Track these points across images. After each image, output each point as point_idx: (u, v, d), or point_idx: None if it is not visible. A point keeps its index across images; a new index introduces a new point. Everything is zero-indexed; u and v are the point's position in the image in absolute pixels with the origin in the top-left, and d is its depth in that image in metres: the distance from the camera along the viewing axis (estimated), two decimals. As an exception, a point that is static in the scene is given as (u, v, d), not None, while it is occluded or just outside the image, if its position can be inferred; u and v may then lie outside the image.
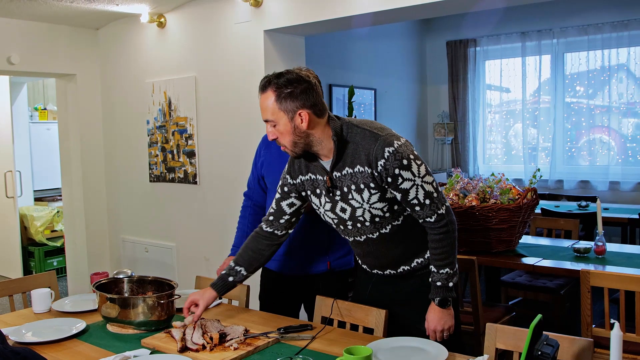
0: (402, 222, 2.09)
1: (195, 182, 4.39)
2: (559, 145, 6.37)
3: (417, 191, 1.97)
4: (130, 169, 4.93)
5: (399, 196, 2.00)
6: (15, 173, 6.27)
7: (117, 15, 4.63)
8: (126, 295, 2.47)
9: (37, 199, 6.89)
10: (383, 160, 1.93)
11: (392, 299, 2.25)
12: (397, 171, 1.93)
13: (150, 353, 2.03)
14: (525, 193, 3.38)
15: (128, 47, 4.79)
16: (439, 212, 2.01)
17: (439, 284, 2.06)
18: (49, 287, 2.86)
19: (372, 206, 2.02)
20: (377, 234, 2.10)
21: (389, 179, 1.95)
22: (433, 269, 2.08)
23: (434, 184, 2.02)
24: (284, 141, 2.00)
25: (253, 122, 3.95)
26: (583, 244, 3.50)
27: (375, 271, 2.26)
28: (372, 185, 1.98)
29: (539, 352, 1.62)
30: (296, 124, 1.95)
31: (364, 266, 2.32)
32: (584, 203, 5.11)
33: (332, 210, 2.10)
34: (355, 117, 5.49)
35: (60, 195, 5.52)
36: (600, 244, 3.35)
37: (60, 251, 6.40)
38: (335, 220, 2.13)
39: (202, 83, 4.28)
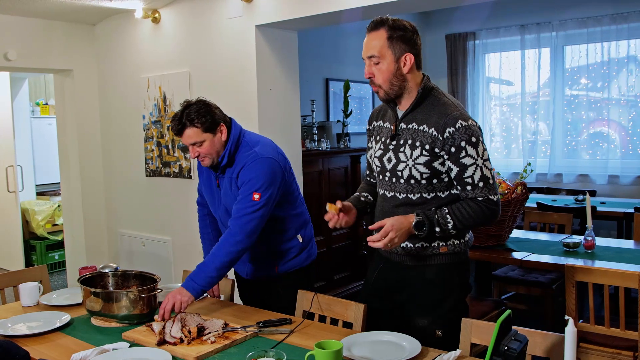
0: (431, 199, 2.10)
1: (190, 177, 4.41)
2: (559, 139, 6.34)
3: (474, 171, 2.01)
4: (127, 164, 4.96)
5: (455, 170, 2.03)
6: (17, 168, 6.33)
7: (112, 11, 4.65)
8: (111, 289, 2.51)
9: (39, 193, 6.96)
10: (452, 129, 1.99)
11: (395, 288, 2.24)
12: (463, 144, 1.98)
13: (130, 346, 2.07)
14: (514, 187, 3.38)
15: (124, 43, 4.82)
16: (490, 197, 2.03)
17: (434, 217, 2.04)
18: (40, 281, 2.91)
19: (414, 166, 2.06)
20: (404, 196, 2.13)
21: (453, 149, 2.00)
22: (445, 210, 2.05)
23: (492, 172, 2.06)
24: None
25: (245, 117, 3.96)
26: (573, 239, 3.50)
27: None
28: (427, 147, 2.03)
29: (506, 347, 1.63)
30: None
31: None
32: (580, 197, 5.09)
33: (381, 157, 2.18)
34: (351, 112, 5.50)
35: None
36: (589, 238, 3.35)
37: (61, 245, 6.45)
38: (378, 168, 2.21)
39: (195, 78, 4.30)
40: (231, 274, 2.85)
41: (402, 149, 2.10)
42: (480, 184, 2.02)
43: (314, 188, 4.84)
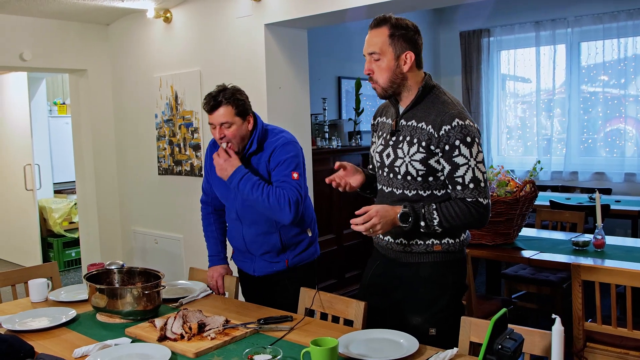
0: (427, 197, 2.11)
1: (201, 175, 4.45)
2: (574, 137, 6.26)
3: (466, 171, 2.02)
4: (140, 162, 5.02)
5: (447, 168, 2.04)
6: (34, 166, 6.43)
7: (125, 11, 4.71)
8: (116, 285, 2.54)
9: (56, 192, 7.07)
10: (448, 127, 2.00)
11: (391, 285, 2.24)
12: (457, 143, 1.99)
13: (132, 342, 2.10)
14: (522, 185, 3.36)
15: (137, 42, 4.87)
16: (480, 200, 2.03)
17: (420, 211, 2.04)
18: (50, 277, 2.96)
19: (411, 162, 2.07)
20: (401, 192, 2.14)
21: (447, 147, 2.01)
22: (433, 206, 2.05)
23: (485, 175, 2.06)
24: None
25: (254, 115, 3.98)
26: (582, 238, 3.46)
27: (379, 236, 2.25)
28: (423, 144, 2.04)
29: (499, 346, 1.63)
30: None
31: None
32: (594, 195, 5.02)
33: (381, 152, 2.20)
34: (363, 110, 5.49)
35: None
36: (599, 237, 3.31)
37: (78, 242, 6.52)
38: (378, 164, 2.23)
39: (206, 77, 4.34)
40: (235, 272, 2.87)
41: (400, 145, 2.11)
42: (471, 185, 2.02)
43: (325, 187, 4.79)
